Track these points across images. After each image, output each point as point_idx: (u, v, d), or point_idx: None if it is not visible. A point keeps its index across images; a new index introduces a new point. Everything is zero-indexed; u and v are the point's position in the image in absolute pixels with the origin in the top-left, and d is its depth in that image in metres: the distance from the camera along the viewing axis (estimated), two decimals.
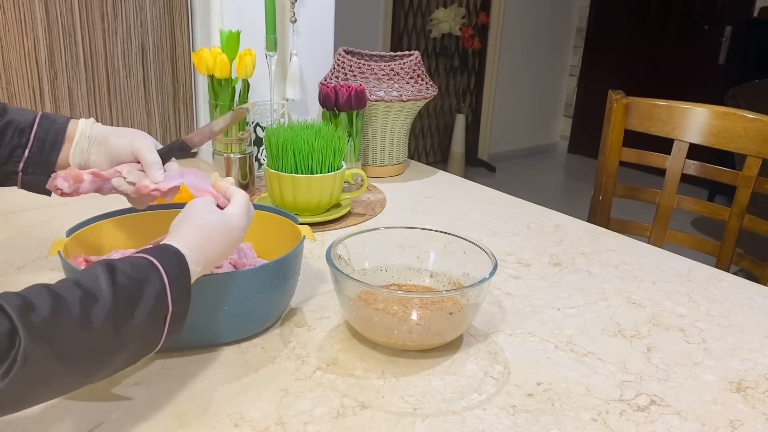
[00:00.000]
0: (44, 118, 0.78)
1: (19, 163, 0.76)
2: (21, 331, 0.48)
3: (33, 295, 0.51)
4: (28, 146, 0.76)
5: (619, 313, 0.89)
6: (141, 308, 0.57)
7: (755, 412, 0.70)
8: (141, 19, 1.37)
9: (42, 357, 0.49)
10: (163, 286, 0.59)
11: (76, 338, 0.52)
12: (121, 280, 0.56)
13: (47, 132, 0.77)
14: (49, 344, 0.49)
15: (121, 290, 0.55)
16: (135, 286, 0.57)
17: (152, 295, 0.58)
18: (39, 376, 0.50)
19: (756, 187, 1.26)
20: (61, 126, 0.78)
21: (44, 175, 0.77)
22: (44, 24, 1.27)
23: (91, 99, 1.37)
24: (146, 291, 0.57)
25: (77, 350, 0.52)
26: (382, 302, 0.77)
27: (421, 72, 1.43)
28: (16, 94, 1.28)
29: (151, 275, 0.59)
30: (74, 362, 0.53)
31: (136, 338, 0.57)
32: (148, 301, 0.57)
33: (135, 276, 0.57)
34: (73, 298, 0.52)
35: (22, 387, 0.49)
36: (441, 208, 1.27)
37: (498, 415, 0.67)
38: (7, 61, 1.26)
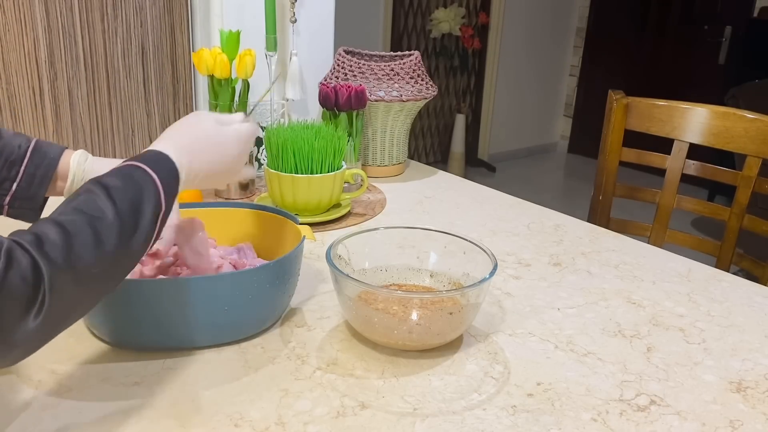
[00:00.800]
0: (36, 151, 0.76)
1: (6, 196, 0.75)
2: (42, 264, 0.50)
3: (45, 230, 0.53)
4: (17, 180, 0.75)
5: (619, 313, 0.89)
6: (143, 218, 0.60)
7: (755, 412, 0.70)
8: (141, 19, 1.37)
9: (67, 283, 0.52)
10: (158, 189, 0.62)
11: (94, 260, 0.54)
12: (121, 201, 0.58)
13: (37, 167, 0.76)
14: (71, 270, 0.52)
15: (124, 208, 0.58)
16: (134, 202, 0.59)
17: (151, 203, 0.61)
18: (67, 302, 0.53)
19: (756, 187, 1.26)
20: (53, 161, 0.76)
21: (30, 209, 0.76)
22: (44, 24, 1.27)
23: (91, 99, 1.37)
24: (145, 203, 0.60)
25: (96, 271, 0.55)
26: (382, 302, 0.77)
27: (421, 72, 1.43)
28: (16, 94, 1.28)
29: (145, 185, 0.61)
30: (95, 282, 0.56)
31: (141, 244, 0.60)
32: (147, 210, 0.60)
33: (132, 194, 0.60)
34: (81, 222, 0.55)
35: (55, 317, 0.52)
36: (441, 208, 1.27)
37: (498, 415, 0.67)
38: (7, 61, 1.26)
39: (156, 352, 0.74)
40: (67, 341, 0.76)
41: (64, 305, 0.53)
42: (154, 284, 0.73)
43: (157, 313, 0.72)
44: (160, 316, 0.72)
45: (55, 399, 0.66)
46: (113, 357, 0.74)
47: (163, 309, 0.72)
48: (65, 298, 0.52)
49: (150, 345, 0.75)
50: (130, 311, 0.72)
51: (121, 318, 0.73)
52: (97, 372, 0.71)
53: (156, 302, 0.71)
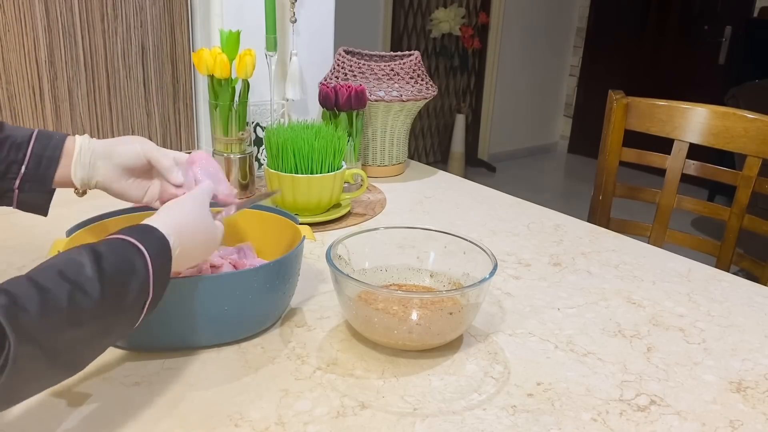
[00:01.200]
0: (41, 134, 0.76)
1: (15, 179, 0.75)
2: (9, 334, 0.47)
3: (20, 292, 0.50)
4: (25, 162, 0.75)
5: (619, 313, 0.89)
6: (127, 299, 0.57)
7: (755, 412, 0.70)
8: (141, 19, 1.37)
9: (31, 357, 0.49)
10: (147, 275, 0.60)
11: (65, 336, 0.52)
12: (108, 270, 0.56)
13: (44, 148, 0.76)
14: (38, 345, 0.50)
15: (108, 282, 0.55)
16: (121, 277, 0.57)
17: (137, 285, 0.58)
18: (29, 374, 0.50)
19: (756, 187, 1.26)
20: (58, 142, 0.76)
21: (41, 192, 0.76)
22: (44, 24, 1.27)
23: (91, 99, 1.37)
24: (132, 281, 0.58)
25: (65, 347, 0.53)
26: (382, 302, 0.77)
27: (421, 72, 1.43)
28: (16, 94, 1.28)
29: (137, 263, 0.59)
30: (62, 357, 0.53)
31: (119, 326, 0.58)
32: (133, 291, 0.58)
33: (121, 266, 0.58)
34: (60, 293, 0.52)
35: (13, 386, 0.49)
36: (441, 208, 1.27)
37: (498, 415, 0.67)
38: (7, 61, 1.26)
39: (156, 352, 0.74)
40: None
41: (26, 375, 0.50)
42: None
43: (157, 313, 0.71)
44: (160, 316, 0.72)
45: (55, 399, 0.66)
46: (113, 357, 0.74)
47: (163, 309, 0.71)
48: (28, 369, 0.49)
49: (150, 345, 0.75)
50: None
51: None
52: (97, 372, 0.71)
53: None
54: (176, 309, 0.72)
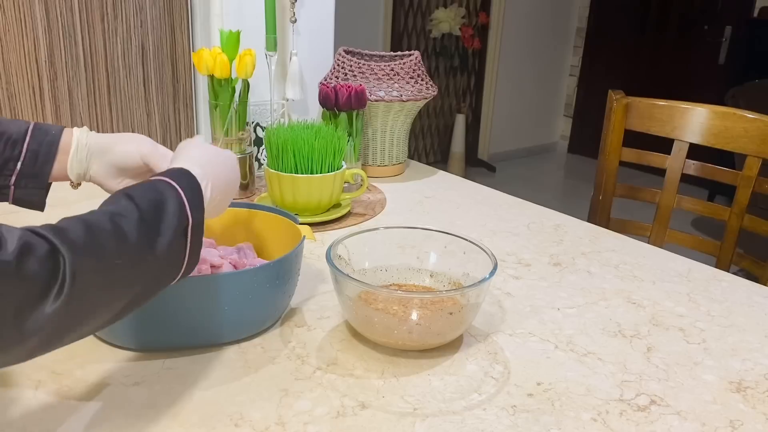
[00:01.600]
0: (37, 129, 0.76)
1: (11, 176, 0.74)
2: (62, 249, 0.48)
3: (61, 222, 0.52)
4: (21, 158, 0.74)
5: (619, 313, 0.89)
6: (166, 221, 0.58)
7: (755, 412, 0.70)
8: (141, 19, 1.37)
9: (89, 271, 0.50)
10: (180, 198, 0.61)
11: (115, 250, 0.53)
12: (141, 201, 0.58)
13: (40, 143, 0.75)
14: (93, 257, 0.51)
15: (145, 207, 0.57)
16: (156, 203, 0.59)
17: (173, 208, 0.60)
18: (90, 291, 0.51)
19: (756, 187, 1.26)
20: (55, 137, 0.76)
21: (37, 188, 0.75)
22: (44, 24, 1.27)
23: (91, 99, 1.37)
24: (167, 205, 0.59)
25: (119, 263, 0.53)
26: (382, 302, 0.77)
27: (421, 72, 1.43)
28: (16, 94, 1.28)
29: (166, 191, 0.61)
30: (118, 276, 0.54)
31: (166, 248, 0.58)
32: (170, 214, 0.59)
33: (153, 196, 0.59)
34: (102, 217, 0.54)
35: (76, 305, 0.50)
36: (441, 208, 1.27)
37: (498, 415, 0.67)
38: (7, 61, 1.26)
39: (156, 352, 0.74)
40: None
41: (86, 294, 0.50)
42: None
43: (157, 313, 0.72)
44: (160, 316, 0.72)
45: (55, 399, 0.66)
46: (113, 357, 0.74)
47: (163, 309, 0.72)
48: (88, 284, 0.50)
49: (150, 345, 0.75)
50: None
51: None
52: (97, 372, 0.71)
53: (156, 302, 0.71)
54: (177, 309, 0.72)
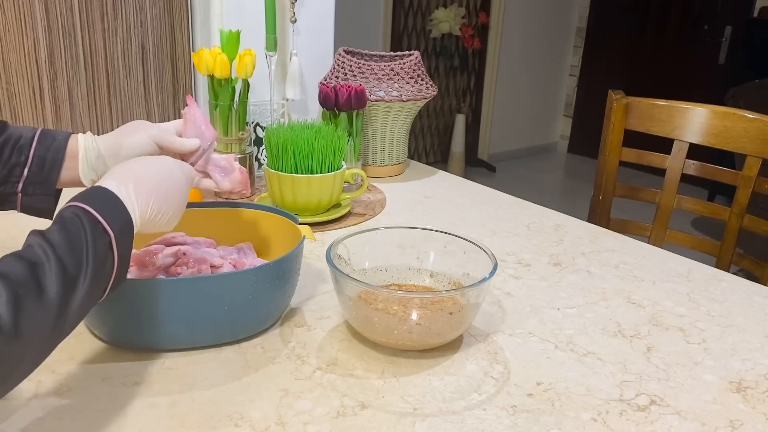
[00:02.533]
0: (43, 135, 0.75)
1: (18, 183, 0.73)
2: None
3: None
4: (28, 164, 0.74)
5: (619, 313, 0.89)
6: (86, 250, 0.55)
7: (755, 412, 0.70)
8: (141, 19, 1.37)
9: (12, 345, 0.48)
10: (94, 217, 0.57)
11: (39, 310, 0.50)
12: (55, 238, 0.54)
13: (47, 149, 0.74)
14: (15, 330, 0.48)
15: (60, 245, 0.53)
16: (70, 235, 0.55)
17: (89, 231, 0.56)
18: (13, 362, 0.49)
19: (756, 187, 1.26)
20: (61, 143, 0.75)
21: (44, 194, 0.75)
22: (44, 24, 1.27)
23: (91, 99, 1.37)
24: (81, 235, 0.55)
25: (43, 321, 0.51)
26: (382, 302, 0.77)
27: (421, 72, 1.43)
28: (16, 94, 1.28)
29: (78, 216, 0.57)
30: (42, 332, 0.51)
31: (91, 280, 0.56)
32: (88, 240, 0.55)
33: (66, 226, 0.56)
34: (22, 272, 0.50)
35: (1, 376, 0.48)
36: (441, 208, 1.27)
37: (498, 415, 0.67)
38: (7, 61, 1.26)
39: (156, 352, 0.74)
40: (67, 341, 0.75)
41: (10, 366, 0.49)
42: (153, 284, 0.73)
43: (157, 313, 0.72)
44: (160, 316, 0.72)
45: (55, 399, 0.66)
46: (113, 357, 0.74)
47: (163, 309, 0.72)
48: (12, 358, 0.48)
49: (150, 345, 0.75)
50: (130, 311, 0.72)
51: (121, 318, 0.73)
52: (97, 372, 0.71)
53: (156, 302, 0.71)
54: (176, 309, 0.72)
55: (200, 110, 0.83)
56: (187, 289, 0.72)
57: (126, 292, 0.70)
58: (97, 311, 0.73)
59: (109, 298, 0.69)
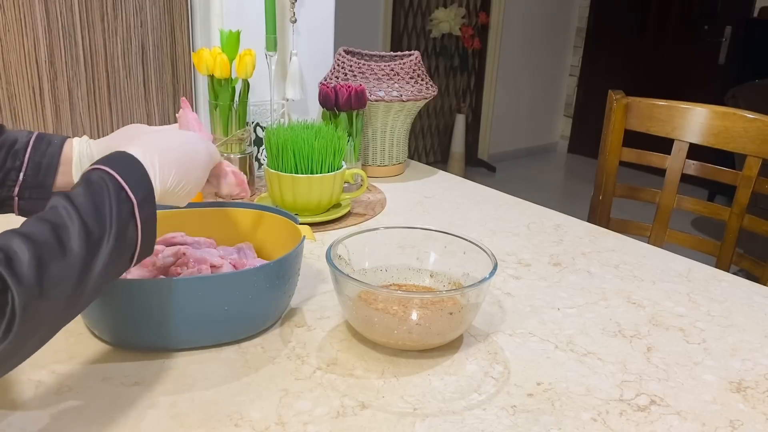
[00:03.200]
0: (39, 139, 0.76)
1: (14, 187, 0.74)
2: (12, 286, 0.48)
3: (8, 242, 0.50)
4: (23, 170, 0.74)
5: (619, 313, 0.89)
6: (108, 214, 0.57)
7: (755, 412, 0.70)
8: (141, 19, 1.37)
9: (36, 303, 0.50)
10: (117, 183, 0.59)
11: (62, 270, 0.52)
12: (79, 201, 0.56)
13: (42, 155, 0.75)
14: (39, 288, 0.50)
15: (85, 209, 0.55)
16: (94, 201, 0.57)
17: (112, 196, 0.58)
18: (37, 321, 0.51)
19: (756, 187, 1.26)
20: (56, 148, 0.76)
21: (41, 198, 0.75)
22: (44, 24, 1.27)
23: (91, 99, 1.37)
24: (104, 197, 0.57)
25: (66, 280, 0.52)
26: (382, 302, 0.77)
27: (421, 72, 1.43)
28: (16, 94, 1.28)
29: (102, 182, 0.58)
30: (65, 292, 0.53)
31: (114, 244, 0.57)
32: (111, 204, 0.57)
33: (90, 189, 0.57)
34: (46, 232, 0.52)
35: (24, 338, 0.50)
36: (441, 208, 1.27)
37: (498, 415, 0.67)
38: (7, 61, 1.26)
39: (156, 352, 0.74)
40: (67, 341, 0.76)
41: (35, 323, 0.50)
42: (153, 284, 0.73)
43: (157, 313, 0.72)
44: (160, 316, 0.72)
45: (55, 399, 0.66)
46: (113, 357, 0.74)
47: (163, 309, 0.72)
48: (36, 316, 0.50)
49: (150, 345, 0.75)
50: (130, 311, 0.72)
51: (121, 318, 0.73)
52: (97, 372, 0.71)
53: (156, 302, 0.71)
54: (176, 309, 0.72)
55: (194, 114, 0.82)
56: (187, 289, 0.72)
57: (126, 292, 0.70)
58: (98, 311, 0.73)
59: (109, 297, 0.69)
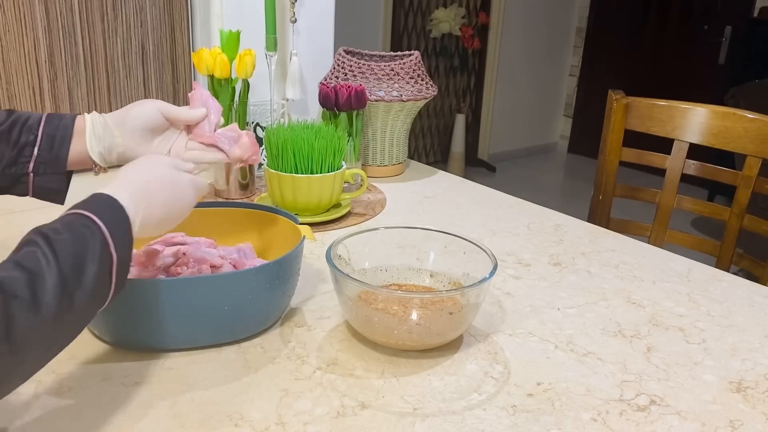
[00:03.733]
0: (51, 115, 0.77)
1: (29, 162, 0.74)
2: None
3: None
4: (37, 144, 0.74)
5: (619, 313, 0.89)
6: (88, 270, 0.55)
7: (755, 412, 0.70)
8: (141, 19, 1.37)
9: (4, 357, 0.48)
10: (104, 238, 0.57)
11: (31, 325, 0.50)
12: (61, 249, 0.54)
13: (56, 128, 0.75)
14: (7, 343, 0.48)
15: (65, 259, 0.54)
16: (76, 254, 0.55)
17: (95, 252, 0.56)
18: (7, 371, 0.49)
19: (756, 187, 1.26)
20: (69, 121, 0.77)
21: (56, 173, 0.75)
22: (44, 24, 1.27)
23: (91, 99, 1.37)
24: (88, 252, 0.56)
25: (33, 336, 0.51)
26: (382, 302, 0.77)
27: (421, 72, 1.43)
28: (16, 94, 1.28)
29: (88, 233, 0.57)
30: (32, 347, 0.51)
31: (88, 299, 0.56)
32: (93, 260, 0.56)
33: (74, 238, 0.56)
34: (20, 284, 0.50)
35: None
36: (441, 208, 1.27)
37: (498, 415, 0.67)
38: (7, 61, 1.26)
39: (156, 352, 0.74)
40: None
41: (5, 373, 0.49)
42: (153, 284, 0.73)
43: (157, 313, 0.72)
44: (160, 316, 0.72)
45: (55, 399, 0.66)
46: (113, 357, 0.74)
47: (163, 309, 0.72)
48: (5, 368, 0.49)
49: (150, 345, 0.75)
50: (130, 311, 0.72)
51: (121, 318, 0.73)
52: (97, 372, 0.71)
53: (156, 302, 0.71)
54: (176, 309, 0.72)
55: (206, 90, 0.83)
56: (187, 289, 0.72)
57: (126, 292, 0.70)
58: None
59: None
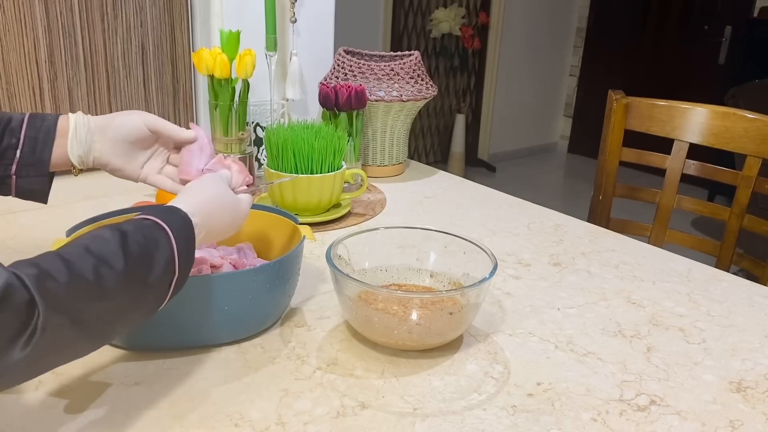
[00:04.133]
0: (33, 116, 0.76)
1: (12, 165, 0.74)
2: (39, 303, 0.48)
3: (48, 264, 0.51)
4: (19, 147, 0.74)
5: (619, 313, 0.89)
6: (152, 274, 0.58)
7: (755, 412, 0.70)
8: (141, 19, 1.37)
9: (59, 326, 0.50)
10: (172, 253, 0.60)
11: (92, 306, 0.53)
12: (132, 247, 0.57)
13: (38, 130, 0.75)
14: (66, 314, 0.51)
15: (133, 257, 0.57)
16: (146, 253, 0.58)
17: (162, 261, 0.59)
18: (56, 343, 0.51)
19: (756, 187, 1.26)
20: (51, 123, 0.76)
21: (38, 176, 0.75)
22: (44, 24, 1.27)
23: (91, 99, 1.37)
24: (156, 258, 0.59)
25: (92, 317, 0.53)
26: (382, 302, 0.77)
27: (421, 72, 1.43)
28: (16, 94, 1.28)
29: (160, 241, 0.60)
30: (89, 328, 0.54)
31: (145, 302, 0.59)
32: (158, 267, 0.59)
33: (145, 242, 0.58)
34: (86, 265, 0.53)
35: (41, 355, 0.50)
36: (441, 208, 1.27)
37: (498, 415, 0.67)
38: (7, 61, 1.26)
39: (156, 352, 0.74)
40: None
41: (53, 344, 0.51)
42: None
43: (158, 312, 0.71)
44: (159, 316, 0.72)
45: (55, 399, 0.66)
46: (113, 357, 0.74)
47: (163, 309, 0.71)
48: (56, 338, 0.51)
49: (150, 345, 0.75)
50: None
51: None
52: (97, 372, 0.71)
53: None
54: (176, 309, 0.72)
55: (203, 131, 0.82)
56: (187, 289, 0.72)
57: None
58: None
59: None
